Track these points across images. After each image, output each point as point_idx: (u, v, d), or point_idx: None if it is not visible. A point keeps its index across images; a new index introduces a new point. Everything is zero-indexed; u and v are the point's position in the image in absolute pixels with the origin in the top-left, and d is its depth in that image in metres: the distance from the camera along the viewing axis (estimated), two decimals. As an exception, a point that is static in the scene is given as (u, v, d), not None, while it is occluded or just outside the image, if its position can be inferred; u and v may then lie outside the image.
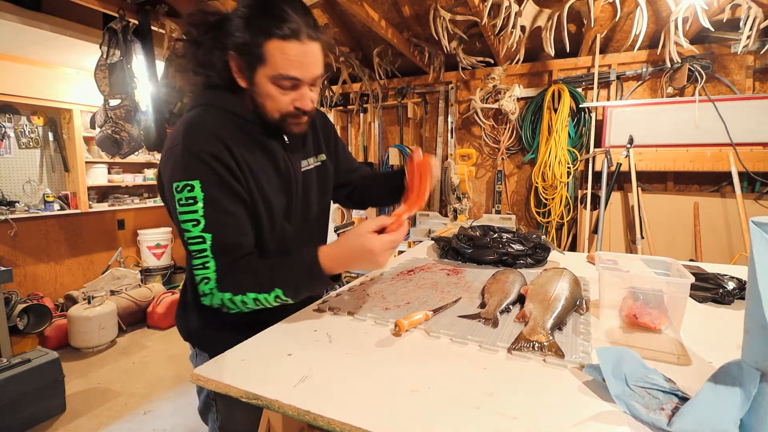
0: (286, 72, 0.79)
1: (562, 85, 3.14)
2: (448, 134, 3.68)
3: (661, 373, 0.62)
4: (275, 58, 0.78)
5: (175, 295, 3.56)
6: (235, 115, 0.86)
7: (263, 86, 0.81)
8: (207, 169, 0.79)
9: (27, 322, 2.89)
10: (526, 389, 0.61)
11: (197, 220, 0.78)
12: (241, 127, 0.86)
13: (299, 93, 0.83)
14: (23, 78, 3.20)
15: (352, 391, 0.61)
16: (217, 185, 0.79)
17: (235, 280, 0.80)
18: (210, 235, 0.78)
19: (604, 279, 0.86)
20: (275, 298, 0.80)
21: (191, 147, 0.79)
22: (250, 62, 0.80)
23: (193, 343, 1.00)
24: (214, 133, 0.81)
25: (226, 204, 0.80)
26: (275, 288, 0.79)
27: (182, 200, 0.78)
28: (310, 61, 0.81)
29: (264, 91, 0.82)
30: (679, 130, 2.81)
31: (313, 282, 0.82)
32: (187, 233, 0.79)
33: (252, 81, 0.82)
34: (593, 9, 2.27)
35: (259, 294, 0.79)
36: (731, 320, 0.91)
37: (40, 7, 2.28)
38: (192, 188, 0.77)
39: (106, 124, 2.28)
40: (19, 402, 2.04)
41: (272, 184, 0.90)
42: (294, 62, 0.79)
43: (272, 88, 0.81)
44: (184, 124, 0.83)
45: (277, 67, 0.79)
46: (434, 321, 0.87)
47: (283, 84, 0.81)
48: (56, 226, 3.55)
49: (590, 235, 3.08)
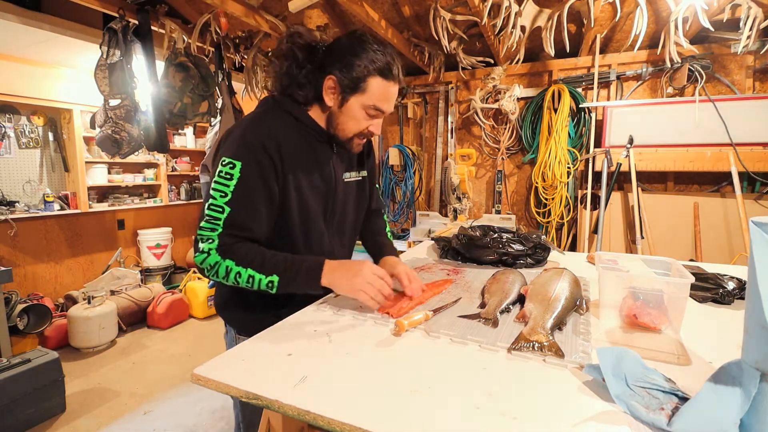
0: (379, 104, 0.96)
1: (562, 85, 3.13)
2: (448, 134, 3.68)
3: (661, 373, 0.62)
4: (372, 92, 0.94)
5: (175, 295, 3.56)
6: (296, 120, 1.00)
7: (353, 110, 0.96)
8: (252, 157, 0.90)
9: (27, 322, 2.89)
10: (526, 389, 0.61)
11: (225, 193, 0.88)
12: (298, 131, 0.99)
13: (377, 121, 1.00)
14: (23, 78, 3.20)
15: (352, 391, 0.61)
16: (254, 174, 0.90)
17: (242, 253, 0.88)
18: (229, 209, 0.88)
19: (604, 279, 0.86)
20: (268, 283, 0.88)
21: (246, 135, 0.92)
22: (350, 89, 0.94)
23: (232, 326, 1.09)
24: (270, 130, 0.94)
25: (254, 193, 0.91)
26: (274, 274, 0.87)
27: (222, 173, 0.89)
28: (393, 98, 0.99)
29: (351, 114, 0.97)
30: (679, 130, 2.81)
31: (308, 286, 0.90)
32: (212, 200, 0.88)
33: (343, 104, 0.96)
34: (593, 9, 2.26)
35: (258, 273, 0.87)
36: (731, 320, 0.91)
37: (40, 7, 2.28)
38: (233, 166, 0.89)
39: (106, 124, 2.28)
40: (19, 402, 2.04)
41: (313, 185, 1.00)
42: (385, 97, 0.96)
43: (360, 113, 0.96)
44: (250, 117, 0.98)
45: (373, 98, 0.95)
46: (434, 321, 0.87)
47: (370, 112, 0.97)
48: (56, 226, 3.54)
49: (590, 235, 3.08)
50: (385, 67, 0.93)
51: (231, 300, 1.06)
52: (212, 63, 2.64)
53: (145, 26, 2.31)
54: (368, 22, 2.53)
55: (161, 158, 4.28)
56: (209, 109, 2.48)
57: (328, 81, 0.95)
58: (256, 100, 3.04)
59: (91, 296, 3.04)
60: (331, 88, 0.96)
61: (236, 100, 2.81)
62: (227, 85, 2.66)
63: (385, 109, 0.98)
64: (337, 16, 3.11)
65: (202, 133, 4.79)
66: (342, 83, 0.94)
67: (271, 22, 2.56)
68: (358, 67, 0.92)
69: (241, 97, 3.00)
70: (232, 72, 2.89)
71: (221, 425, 2.16)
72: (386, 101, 0.97)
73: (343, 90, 0.95)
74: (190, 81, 2.36)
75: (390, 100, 0.97)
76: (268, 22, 2.55)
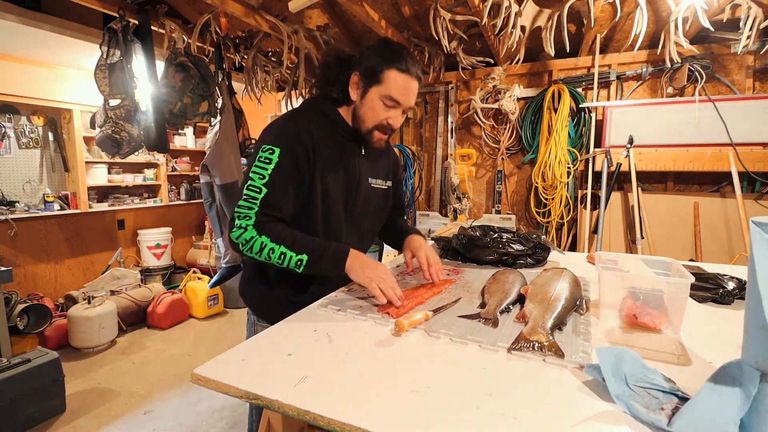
0: (394, 95, 1.03)
1: (562, 85, 3.13)
2: (448, 134, 3.68)
3: (660, 373, 0.62)
4: (389, 83, 1.02)
5: (175, 295, 3.56)
6: (331, 119, 1.10)
7: (372, 100, 1.05)
8: (289, 146, 1.00)
9: (27, 322, 2.89)
10: (526, 389, 0.61)
11: (264, 176, 0.98)
12: (331, 129, 1.09)
13: (395, 113, 1.07)
14: (23, 78, 3.19)
15: (352, 391, 0.61)
16: (290, 161, 1.00)
17: (277, 231, 0.97)
18: (266, 190, 0.97)
19: (604, 279, 0.86)
20: (297, 261, 0.96)
21: (287, 126, 1.04)
22: (369, 81, 1.04)
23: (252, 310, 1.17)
24: (308, 125, 1.05)
25: (289, 178, 1.00)
26: (304, 253, 0.96)
27: (262, 158, 0.99)
28: (411, 92, 1.06)
29: (370, 104, 1.05)
30: (679, 130, 2.81)
31: (334, 268, 0.98)
32: (251, 182, 0.98)
33: (364, 95, 1.05)
34: (593, 9, 2.27)
35: (289, 251, 0.95)
36: (731, 320, 0.91)
37: (40, 7, 2.28)
38: (273, 152, 0.99)
39: (106, 124, 2.28)
40: (19, 402, 2.04)
41: (338, 179, 1.08)
42: (401, 89, 1.03)
43: (378, 104, 1.04)
44: (292, 112, 1.09)
45: (389, 89, 1.03)
46: (434, 321, 0.87)
47: (387, 103, 1.04)
48: (56, 226, 3.54)
49: (590, 235, 3.08)
50: (402, 61, 1.02)
51: (253, 285, 1.15)
52: (212, 63, 2.63)
53: (145, 26, 2.31)
54: (368, 22, 2.53)
55: (161, 158, 4.28)
56: (209, 109, 2.47)
57: (354, 77, 1.06)
58: (256, 100, 3.04)
59: (91, 296, 3.04)
60: (355, 83, 1.07)
61: (236, 100, 2.81)
62: (227, 85, 2.66)
63: (402, 102, 1.05)
64: (337, 16, 3.11)
65: (202, 133, 4.79)
66: (363, 77, 1.05)
67: (271, 22, 2.56)
68: (378, 61, 1.03)
69: (241, 97, 3.00)
70: (232, 72, 2.89)
71: (221, 425, 2.16)
72: (403, 94, 1.04)
73: (364, 83, 1.05)
74: (190, 81, 2.36)
75: (407, 94, 1.04)
76: (268, 22, 2.55)
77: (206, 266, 4.27)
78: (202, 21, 2.42)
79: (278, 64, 2.91)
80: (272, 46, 3.12)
